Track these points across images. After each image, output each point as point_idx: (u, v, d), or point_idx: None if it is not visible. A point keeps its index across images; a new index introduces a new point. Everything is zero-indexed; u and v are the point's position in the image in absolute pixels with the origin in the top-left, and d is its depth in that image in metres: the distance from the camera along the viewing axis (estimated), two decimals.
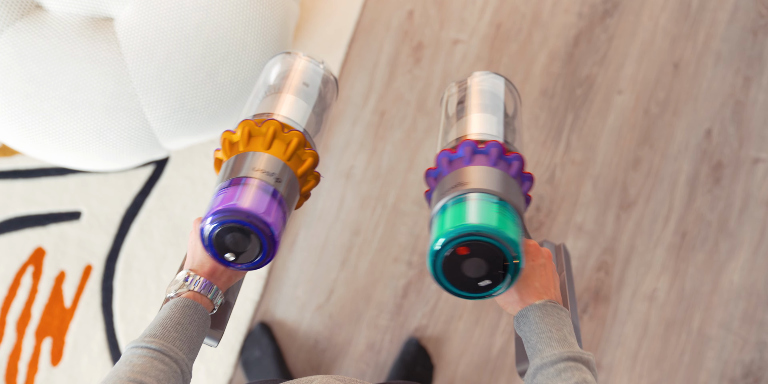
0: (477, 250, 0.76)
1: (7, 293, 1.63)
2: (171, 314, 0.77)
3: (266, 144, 0.85)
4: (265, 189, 0.80)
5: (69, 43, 1.30)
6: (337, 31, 1.74)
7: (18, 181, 1.65)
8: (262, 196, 0.79)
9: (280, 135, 0.87)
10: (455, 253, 0.76)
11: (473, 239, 0.75)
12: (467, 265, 0.77)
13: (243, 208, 0.77)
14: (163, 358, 0.73)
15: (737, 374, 1.70)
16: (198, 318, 0.79)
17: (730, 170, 1.76)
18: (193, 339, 0.77)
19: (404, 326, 1.68)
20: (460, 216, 0.77)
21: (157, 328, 0.76)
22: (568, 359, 0.75)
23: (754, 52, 1.79)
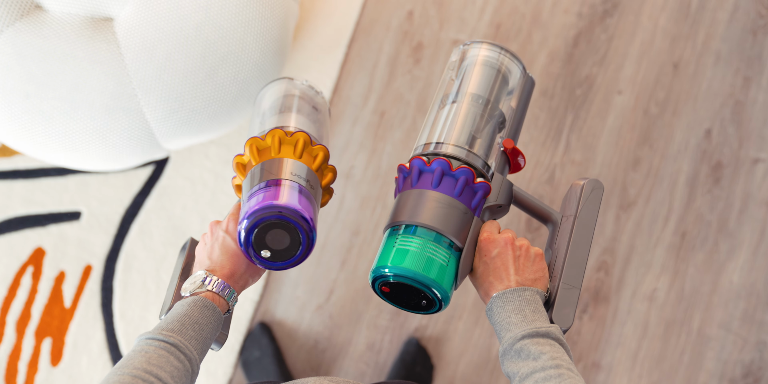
0: (402, 289, 0.81)
1: (7, 293, 1.63)
2: (190, 312, 0.76)
3: (298, 153, 0.89)
4: (299, 190, 0.82)
5: (69, 44, 1.30)
6: (337, 31, 1.74)
7: (18, 182, 1.65)
8: (298, 195, 0.81)
9: (285, 139, 0.89)
10: (383, 289, 0.82)
11: (397, 280, 0.80)
12: (403, 297, 0.82)
13: (282, 204, 0.79)
14: (179, 355, 0.72)
15: (737, 374, 1.70)
16: (214, 320, 0.78)
17: (729, 170, 1.76)
18: (207, 341, 0.77)
19: (404, 326, 1.68)
20: (387, 256, 0.81)
21: (176, 323, 0.74)
22: (524, 337, 0.75)
23: (754, 52, 1.79)
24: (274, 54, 1.44)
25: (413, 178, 0.85)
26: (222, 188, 1.67)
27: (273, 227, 0.79)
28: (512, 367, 0.74)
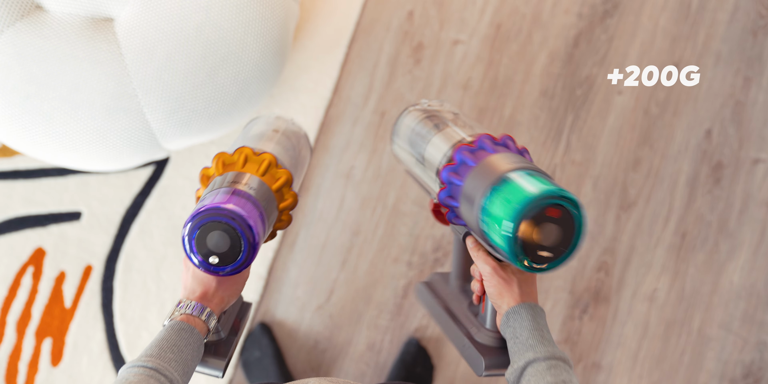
0: (562, 216, 0.74)
1: (7, 293, 1.63)
2: (167, 336, 0.79)
3: (260, 171, 0.90)
4: (250, 199, 0.82)
5: (69, 44, 1.30)
6: (337, 31, 1.74)
7: (18, 182, 1.65)
8: (245, 202, 0.81)
9: (251, 158, 0.91)
10: (544, 214, 0.73)
11: (561, 203, 0.73)
12: (546, 231, 0.74)
13: (224, 206, 0.79)
14: (159, 377, 0.74)
15: (737, 375, 1.70)
16: (193, 341, 0.80)
17: (730, 171, 1.76)
18: (188, 362, 0.78)
19: (404, 327, 1.68)
20: (544, 182, 0.75)
21: (154, 348, 0.77)
22: (558, 358, 0.77)
23: (754, 53, 1.79)
24: (274, 54, 1.44)
25: (489, 148, 0.85)
26: None
27: (212, 229, 0.79)
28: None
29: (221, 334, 0.89)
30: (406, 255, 1.69)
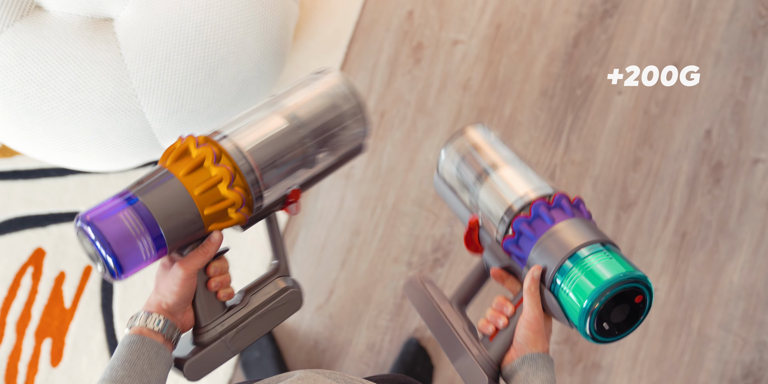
0: (642, 301, 0.80)
1: (7, 294, 1.63)
2: (118, 354, 0.79)
3: (184, 171, 0.81)
4: (128, 198, 0.78)
5: (69, 44, 1.30)
6: (337, 31, 1.74)
7: (18, 182, 1.65)
8: (116, 203, 0.77)
9: (190, 150, 0.82)
10: (632, 297, 0.79)
11: (648, 296, 0.80)
12: (619, 309, 0.80)
13: (85, 213, 0.77)
14: None
15: (737, 375, 1.70)
16: (146, 350, 0.79)
17: (730, 170, 1.76)
18: (145, 373, 0.77)
19: (404, 327, 1.68)
20: (622, 264, 0.80)
21: (106, 371, 0.77)
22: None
23: (754, 53, 1.79)
24: (274, 54, 1.44)
25: (546, 217, 0.87)
26: None
27: (86, 236, 0.77)
28: None
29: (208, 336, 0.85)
30: (406, 255, 1.69)
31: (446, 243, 1.70)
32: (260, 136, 0.85)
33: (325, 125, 0.88)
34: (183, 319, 0.84)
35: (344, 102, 0.89)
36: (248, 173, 0.83)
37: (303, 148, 0.86)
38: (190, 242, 0.82)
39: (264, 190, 0.85)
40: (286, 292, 0.90)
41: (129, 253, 0.76)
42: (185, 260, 0.81)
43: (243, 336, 0.87)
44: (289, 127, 0.86)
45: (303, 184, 0.90)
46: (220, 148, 0.82)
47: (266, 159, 0.84)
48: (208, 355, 0.85)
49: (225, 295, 0.86)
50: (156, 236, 0.78)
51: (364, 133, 0.92)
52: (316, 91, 0.89)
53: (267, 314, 0.88)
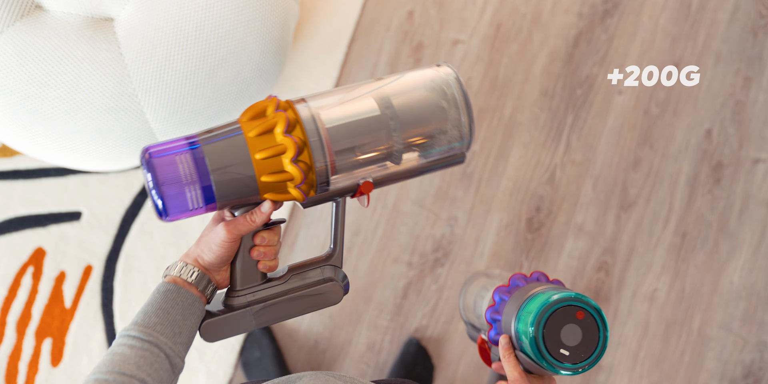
0: (585, 321, 0.83)
1: (7, 294, 1.63)
2: (153, 300, 0.77)
3: (257, 131, 0.76)
4: (191, 141, 0.76)
5: (69, 44, 1.30)
6: (337, 31, 1.74)
7: (18, 182, 1.65)
8: (180, 145, 0.76)
9: (268, 112, 0.77)
10: (573, 315, 0.81)
11: (588, 310, 0.82)
12: (567, 330, 0.82)
13: (150, 145, 0.76)
14: (143, 344, 0.73)
15: (737, 375, 1.70)
16: (181, 300, 0.77)
17: (730, 170, 1.76)
18: (177, 323, 0.76)
19: (404, 327, 1.68)
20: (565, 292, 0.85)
21: (139, 315, 0.76)
22: None
23: (754, 53, 1.79)
24: (274, 54, 1.44)
25: (521, 283, 0.94)
26: None
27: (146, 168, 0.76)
28: None
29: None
30: (406, 255, 1.69)
31: (446, 243, 1.70)
32: (344, 116, 0.78)
33: (419, 123, 0.79)
34: (219, 277, 0.82)
35: (449, 104, 0.80)
36: (318, 152, 0.77)
37: (389, 142, 0.78)
38: (244, 205, 0.79)
39: (333, 174, 0.78)
40: (327, 283, 0.85)
41: (175, 198, 0.75)
42: (231, 223, 0.79)
43: (270, 313, 0.83)
44: (380, 115, 0.78)
45: (383, 179, 0.83)
46: (298, 119, 0.77)
47: (343, 142, 0.77)
48: (229, 321, 0.82)
49: (266, 266, 0.82)
50: (206, 188, 0.75)
51: (465, 144, 0.82)
52: (423, 84, 0.80)
53: (301, 299, 0.84)
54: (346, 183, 0.81)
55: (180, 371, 0.77)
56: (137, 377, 0.70)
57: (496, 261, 1.70)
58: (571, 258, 1.71)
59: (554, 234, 1.72)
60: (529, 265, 1.71)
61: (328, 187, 0.80)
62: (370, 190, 0.82)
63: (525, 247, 1.71)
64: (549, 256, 1.71)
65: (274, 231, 0.82)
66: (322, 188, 0.80)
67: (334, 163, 0.78)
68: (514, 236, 1.71)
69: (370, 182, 0.82)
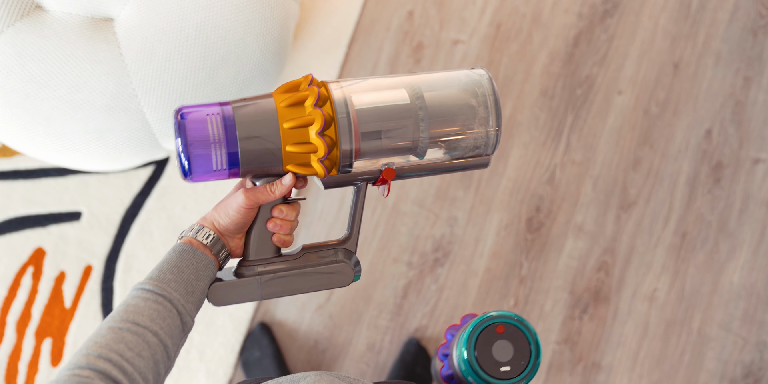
0: (510, 333, 0.84)
1: (7, 294, 1.63)
2: (168, 258, 0.78)
3: (285, 102, 0.78)
4: (224, 106, 0.78)
5: (69, 44, 1.30)
6: (337, 31, 1.74)
7: (18, 182, 1.65)
8: (212, 109, 0.77)
9: (302, 87, 0.79)
10: (494, 332, 0.83)
11: (510, 323, 0.84)
12: (498, 346, 0.83)
13: (182, 106, 0.78)
14: (157, 298, 0.74)
15: (737, 375, 1.70)
16: (196, 261, 0.78)
17: (730, 170, 1.76)
18: (191, 282, 0.77)
19: (404, 327, 1.68)
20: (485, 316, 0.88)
21: (154, 271, 0.77)
22: None
23: (754, 53, 1.79)
24: (274, 54, 1.44)
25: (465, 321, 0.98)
26: (222, 188, 1.67)
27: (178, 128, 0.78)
28: None
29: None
30: (406, 255, 1.69)
31: (446, 243, 1.70)
32: (374, 101, 0.79)
33: (447, 117, 0.81)
34: (233, 244, 0.83)
35: (478, 103, 0.82)
36: (345, 129, 0.78)
37: (415, 132, 0.80)
38: (267, 175, 0.81)
39: (357, 156, 0.80)
40: (339, 263, 0.86)
41: (201, 157, 0.76)
42: (251, 190, 0.80)
43: (278, 285, 0.84)
44: (409, 104, 0.79)
45: (406, 170, 0.84)
46: (329, 96, 0.79)
47: (370, 124, 0.79)
48: (236, 286, 0.83)
49: (280, 240, 0.83)
50: (232, 152, 0.77)
51: (490, 146, 0.84)
52: (456, 81, 0.82)
53: (311, 275, 0.85)
54: (369, 167, 0.82)
55: (189, 330, 0.77)
56: (150, 329, 0.71)
57: (496, 261, 1.70)
58: (571, 258, 1.71)
59: (554, 234, 1.72)
60: (529, 265, 1.71)
61: (351, 170, 0.82)
62: (392, 177, 0.83)
63: (525, 247, 1.71)
64: (549, 256, 1.71)
65: (293, 206, 0.84)
66: (345, 169, 0.81)
67: (359, 145, 0.79)
68: (514, 236, 1.71)
69: (392, 169, 0.83)
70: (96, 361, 0.66)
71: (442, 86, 0.81)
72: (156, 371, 0.70)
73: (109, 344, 0.68)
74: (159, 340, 0.71)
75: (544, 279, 1.71)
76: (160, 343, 0.71)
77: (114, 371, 0.66)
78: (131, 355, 0.68)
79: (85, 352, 0.67)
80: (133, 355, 0.68)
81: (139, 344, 0.69)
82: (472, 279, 1.70)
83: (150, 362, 0.69)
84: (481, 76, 0.83)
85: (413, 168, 0.84)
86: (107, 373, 0.65)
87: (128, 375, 0.67)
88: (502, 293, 1.70)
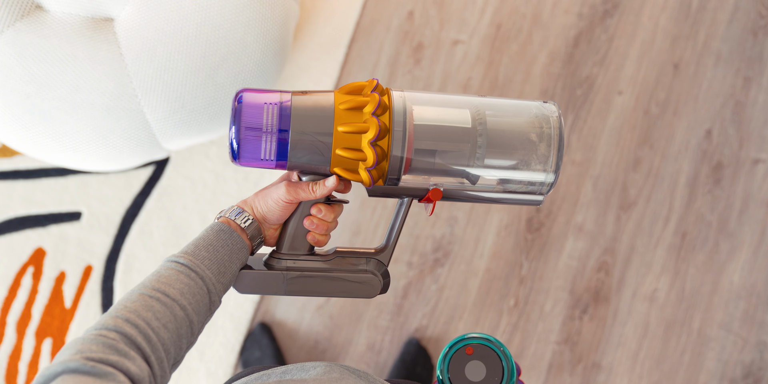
0: (479, 353, 0.82)
1: (7, 294, 1.63)
2: (205, 235, 0.79)
3: (343, 91, 0.78)
4: (283, 96, 0.78)
5: (69, 44, 1.30)
6: (337, 31, 1.74)
7: (18, 182, 1.65)
8: (273, 96, 0.77)
9: (365, 92, 0.78)
10: (464, 354, 0.82)
11: (478, 343, 0.82)
12: (470, 367, 0.82)
13: (243, 89, 0.78)
14: (189, 273, 0.74)
15: (737, 375, 1.70)
16: (231, 243, 0.79)
17: (730, 171, 1.76)
18: (224, 262, 0.77)
19: (404, 327, 1.68)
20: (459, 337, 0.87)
21: (190, 246, 0.77)
22: None
23: (754, 53, 1.79)
24: (274, 54, 1.44)
25: None
26: (222, 188, 1.67)
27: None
28: None
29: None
30: (406, 255, 1.69)
31: (446, 243, 1.70)
32: (435, 119, 0.78)
33: (506, 148, 0.79)
34: (269, 233, 0.83)
35: (540, 139, 0.79)
36: (398, 142, 0.77)
37: (471, 159, 0.78)
38: (314, 173, 0.81)
39: (406, 171, 0.79)
40: (367, 274, 0.85)
41: (250, 143, 0.76)
42: (293, 184, 0.80)
43: (303, 284, 0.84)
44: (470, 128, 0.78)
45: (454, 193, 0.82)
46: (390, 105, 0.78)
47: (425, 142, 0.77)
48: (263, 278, 0.83)
49: (314, 239, 0.83)
50: (282, 144, 0.77)
51: (545, 185, 0.81)
52: (523, 112, 0.80)
53: (338, 281, 0.85)
54: (416, 183, 0.81)
55: (215, 309, 0.77)
56: (179, 303, 0.71)
57: (496, 261, 1.70)
58: (571, 258, 1.71)
59: (554, 234, 1.72)
60: (529, 265, 1.71)
61: (398, 183, 0.81)
62: (438, 198, 0.82)
63: (525, 248, 1.71)
64: (549, 256, 1.71)
65: (334, 208, 0.84)
66: (392, 181, 0.81)
67: (410, 160, 0.79)
68: (514, 236, 1.71)
69: (440, 190, 0.81)
70: (123, 325, 0.66)
71: (508, 114, 0.79)
72: (178, 345, 0.70)
73: (137, 310, 0.68)
74: (186, 315, 0.71)
75: (544, 279, 1.71)
76: (186, 318, 0.71)
77: (139, 338, 0.66)
78: (157, 325, 0.68)
79: (114, 315, 0.67)
80: (159, 325, 0.68)
81: (167, 315, 0.69)
82: (472, 279, 1.70)
83: (174, 335, 0.69)
84: (551, 112, 0.81)
85: (461, 193, 0.82)
86: (132, 338, 0.65)
87: (152, 344, 0.67)
88: (502, 293, 1.70)
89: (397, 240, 0.87)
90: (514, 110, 0.80)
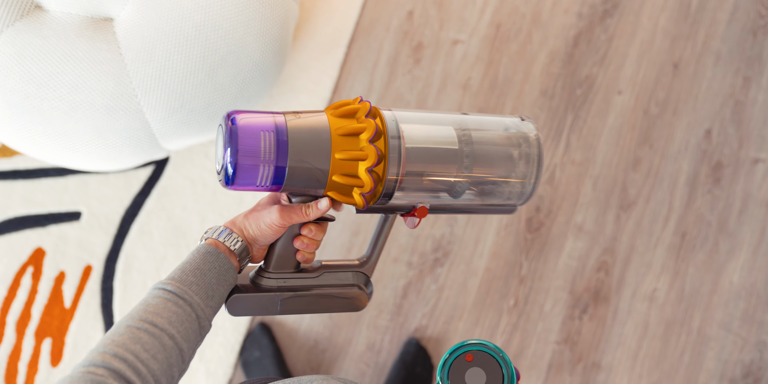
0: (479, 360, 0.83)
1: (7, 294, 1.63)
2: (191, 259, 0.78)
3: (336, 109, 0.79)
4: (277, 118, 0.77)
5: (69, 44, 1.30)
6: (337, 31, 1.74)
7: (18, 182, 1.65)
8: (267, 118, 0.76)
9: (359, 116, 0.79)
10: (464, 361, 0.82)
11: (477, 349, 0.83)
12: (470, 374, 0.83)
13: (233, 111, 0.77)
14: (177, 301, 0.74)
15: (737, 374, 1.70)
16: (219, 265, 0.78)
17: (729, 170, 1.76)
18: (212, 286, 0.77)
19: (404, 326, 1.68)
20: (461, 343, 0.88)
21: (177, 271, 0.77)
22: None
23: (754, 53, 1.79)
24: (274, 54, 1.44)
25: None
26: (222, 188, 1.67)
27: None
28: None
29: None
30: (406, 255, 1.69)
31: (446, 243, 1.70)
32: (425, 140, 0.80)
33: (490, 168, 0.83)
34: (256, 253, 0.83)
35: (520, 157, 0.84)
36: (393, 167, 0.79)
37: (457, 177, 0.82)
38: (305, 195, 0.81)
39: (397, 190, 0.81)
40: (353, 289, 0.87)
41: (247, 171, 0.75)
42: (286, 209, 0.80)
43: (296, 303, 0.85)
44: (457, 149, 0.81)
45: (438, 208, 0.86)
46: (384, 130, 0.79)
47: (416, 164, 0.80)
48: (257, 300, 0.83)
49: (303, 257, 0.84)
50: (279, 170, 0.76)
51: (522, 199, 0.86)
52: (504, 132, 0.84)
53: (329, 298, 0.86)
54: (405, 201, 0.84)
55: (206, 334, 0.77)
56: (167, 332, 0.71)
57: (495, 261, 1.70)
58: (571, 258, 1.71)
59: (554, 234, 1.72)
60: (529, 264, 1.71)
61: (388, 201, 0.83)
62: (424, 215, 0.84)
63: (525, 247, 1.71)
64: (549, 256, 1.71)
65: (322, 226, 0.84)
66: (383, 201, 0.82)
67: (402, 181, 0.80)
68: (513, 236, 1.71)
69: (426, 208, 0.84)
70: (111, 360, 0.66)
71: (490, 133, 0.83)
72: (170, 375, 0.70)
73: (125, 343, 0.68)
74: (175, 344, 0.71)
75: (544, 279, 1.71)
76: (175, 347, 0.71)
77: (128, 372, 0.66)
78: (146, 357, 0.68)
79: (102, 350, 0.67)
80: (148, 356, 0.68)
81: (155, 346, 0.69)
82: (472, 279, 1.70)
83: (164, 365, 0.69)
84: (529, 131, 0.84)
85: (445, 206, 0.85)
86: (121, 373, 0.65)
87: (142, 376, 0.67)
88: (502, 293, 1.70)
89: (381, 253, 0.89)
90: (496, 128, 0.84)
